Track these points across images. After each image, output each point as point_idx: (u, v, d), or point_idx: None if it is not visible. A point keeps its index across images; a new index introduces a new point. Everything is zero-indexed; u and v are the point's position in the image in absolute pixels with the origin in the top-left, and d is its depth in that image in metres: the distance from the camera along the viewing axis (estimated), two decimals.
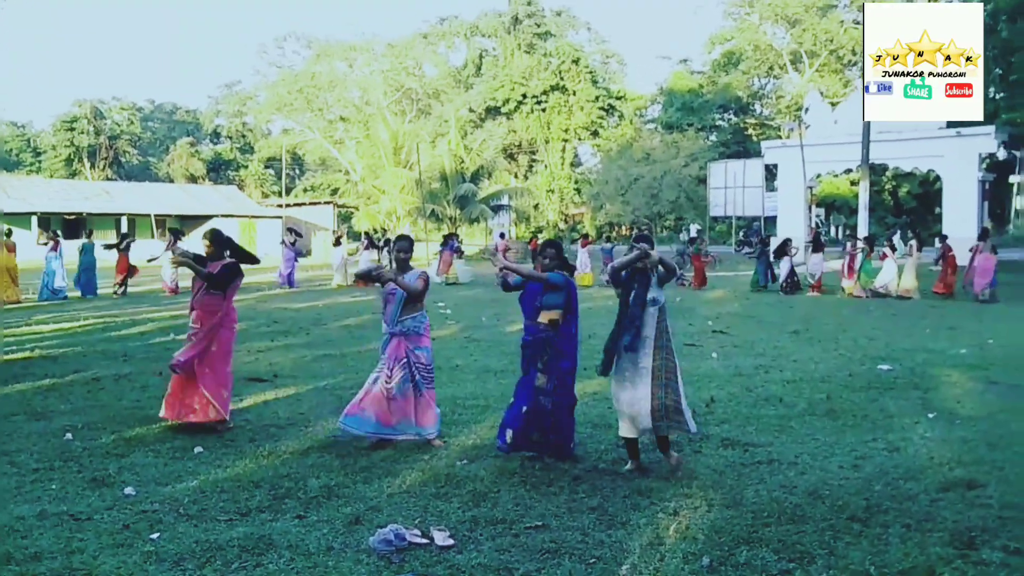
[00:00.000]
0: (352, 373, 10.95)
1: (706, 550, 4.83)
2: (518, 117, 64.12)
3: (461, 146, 49.46)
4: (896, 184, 50.70)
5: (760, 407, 8.86)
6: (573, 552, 4.83)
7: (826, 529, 5.16)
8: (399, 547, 4.91)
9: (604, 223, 56.50)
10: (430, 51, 71.59)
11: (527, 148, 67.13)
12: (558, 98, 63.37)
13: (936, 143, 34.21)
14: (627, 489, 6.00)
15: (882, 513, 5.44)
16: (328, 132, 66.73)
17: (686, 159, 42.64)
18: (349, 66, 69.34)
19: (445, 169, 45.44)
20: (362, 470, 6.52)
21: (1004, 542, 4.89)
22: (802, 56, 61.21)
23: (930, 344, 13.35)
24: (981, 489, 5.93)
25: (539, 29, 68.63)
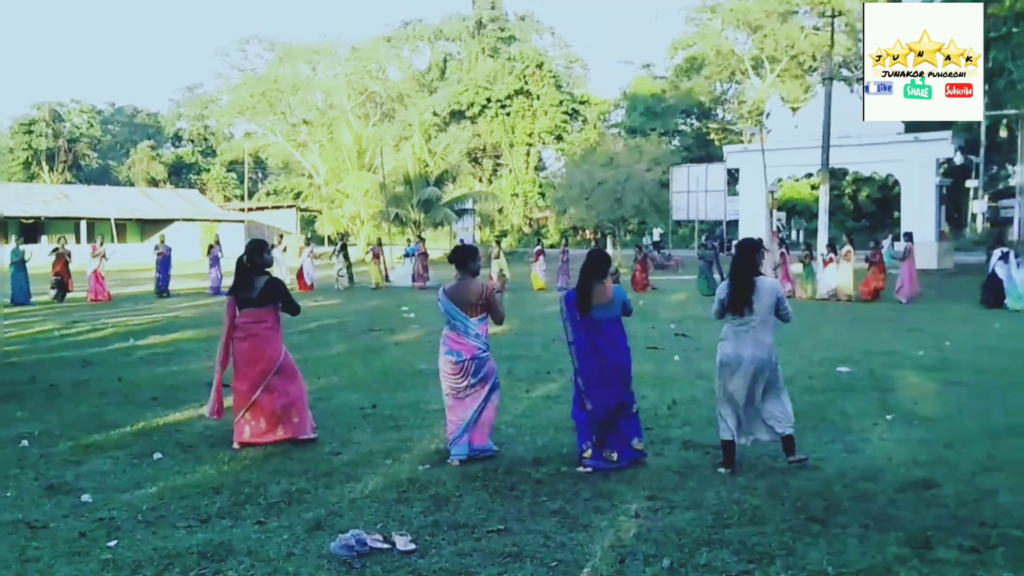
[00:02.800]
0: (313, 378, 10.87)
1: (667, 552, 4.85)
2: (482, 121, 64.16)
3: (425, 150, 49.37)
4: (856, 188, 51.38)
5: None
6: (535, 556, 4.84)
7: (785, 530, 5.20)
8: (360, 552, 4.89)
9: (568, 227, 56.59)
10: (394, 54, 71.46)
11: (491, 152, 67.17)
12: (522, 102, 63.49)
13: (895, 148, 34.71)
14: (589, 492, 6.02)
15: (841, 513, 5.50)
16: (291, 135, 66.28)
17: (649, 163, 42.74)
18: (312, 69, 69.00)
19: (409, 173, 45.33)
20: (323, 475, 6.49)
21: (959, 541, 4.96)
22: (763, 62, 61.73)
23: (889, 346, 13.51)
24: (937, 489, 6.01)
25: (503, 33, 68.78)
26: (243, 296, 7.43)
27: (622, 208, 41.73)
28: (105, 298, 23.28)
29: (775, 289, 6.66)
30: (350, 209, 47.55)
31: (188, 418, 8.56)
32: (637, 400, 6.98)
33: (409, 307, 20.91)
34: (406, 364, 12.08)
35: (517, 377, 11.03)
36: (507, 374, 11.23)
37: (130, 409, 8.98)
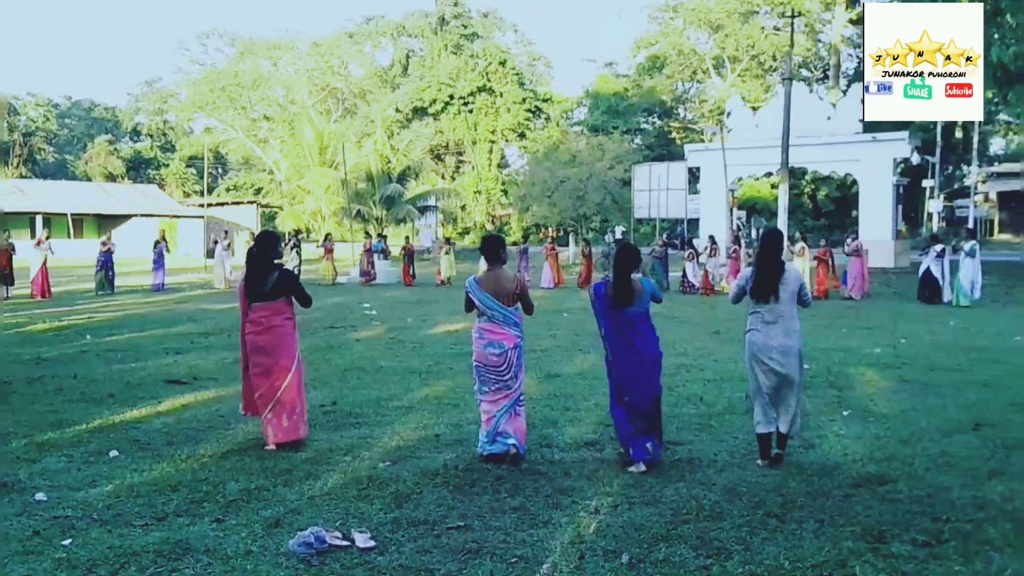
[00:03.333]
0: None
1: (625, 548, 4.88)
2: (445, 118, 64.04)
3: (387, 146, 49.17)
4: (815, 187, 51.88)
5: (681, 406, 8.98)
6: (495, 552, 4.85)
7: (743, 525, 5.25)
8: (319, 550, 4.86)
9: (531, 224, 56.67)
10: (356, 50, 71.13)
11: (454, 149, 67.10)
12: (485, 99, 63.45)
13: (853, 148, 35.07)
14: (549, 489, 6.04)
15: (797, 509, 5.57)
16: (252, 131, 65.79)
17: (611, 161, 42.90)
18: (273, 64, 68.51)
19: (371, 169, 45.11)
20: (283, 473, 6.45)
21: (913, 535, 5.04)
22: (724, 61, 62.23)
23: (846, 343, 13.67)
24: (892, 484, 6.09)
25: (466, 30, 68.69)
26: (255, 290, 7.28)
27: (584, 206, 41.85)
28: (47, 295, 22.74)
29: (799, 276, 6.79)
30: (311, 205, 47.23)
31: (145, 415, 8.46)
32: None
33: (370, 304, 20.83)
34: (367, 361, 12.05)
35: None
36: (469, 370, 11.22)
37: (86, 406, 8.86)
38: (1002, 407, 8.69)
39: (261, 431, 7.38)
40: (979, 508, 5.53)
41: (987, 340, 14.25)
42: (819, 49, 61.99)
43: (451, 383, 10.35)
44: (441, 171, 65.39)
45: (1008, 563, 4.56)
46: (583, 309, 20.21)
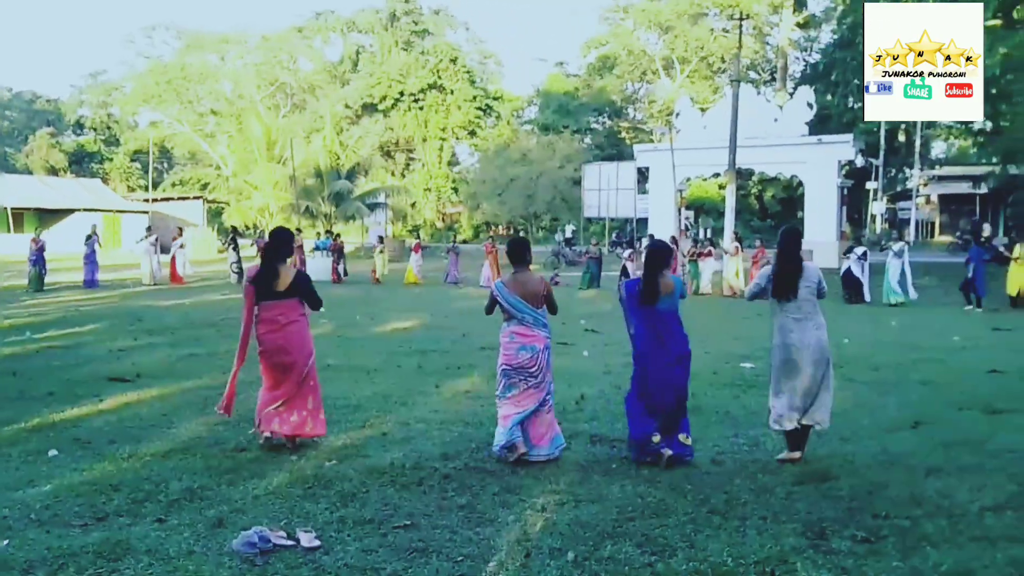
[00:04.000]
0: (219, 373, 10.67)
1: (571, 545, 4.90)
2: (395, 115, 63.72)
3: (337, 142, 48.83)
4: (762, 188, 52.54)
5: None
6: (441, 551, 4.84)
7: (687, 522, 5.30)
8: (263, 549, 4.81)
9: (481, 222, 56.69)
10: (305, 45, 70.42)
11: (404, 146, 66.78)
12: (436, 97, 63.25)
13: (799, 150, 35.56)
14: (497, 487, 6.04)
15: (741, 506, 5.63)
16: (198, 125, 64.87)
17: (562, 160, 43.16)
18: (221, 58, 67.58)
19: (320, 165, 44.77)
20: (227, 472, 6.37)
21: (852, 531, 5.12)
22: (674, 62, 62.73)
23: None
24: (834, 481, 6.19)
25: (417, 27, 68.36)
26: (268, 288, 7.15)
27: (535, 204, 42.03)
28: None
29: (817, 272, 6.84)
30: (259, 201, 46.70)
31: (87, 414, 8.31)
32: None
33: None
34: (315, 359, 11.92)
35: (427, 371, 11.02)
36: (417, 369, 11.22)
37: (25, 404, 8.68)
38: (941, 405, 8.87)
39: (204, 430, 7.29)
40: (917, 504, 5.64)
41: (927, 340, 14.54)
42: (767, 52, 62.76)
43: (399, 381, 10.30)
44: (391, 168, 65.02)
45: (944, 558, 4.65)
46: None
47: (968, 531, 5.10)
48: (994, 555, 4.68)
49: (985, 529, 5.13)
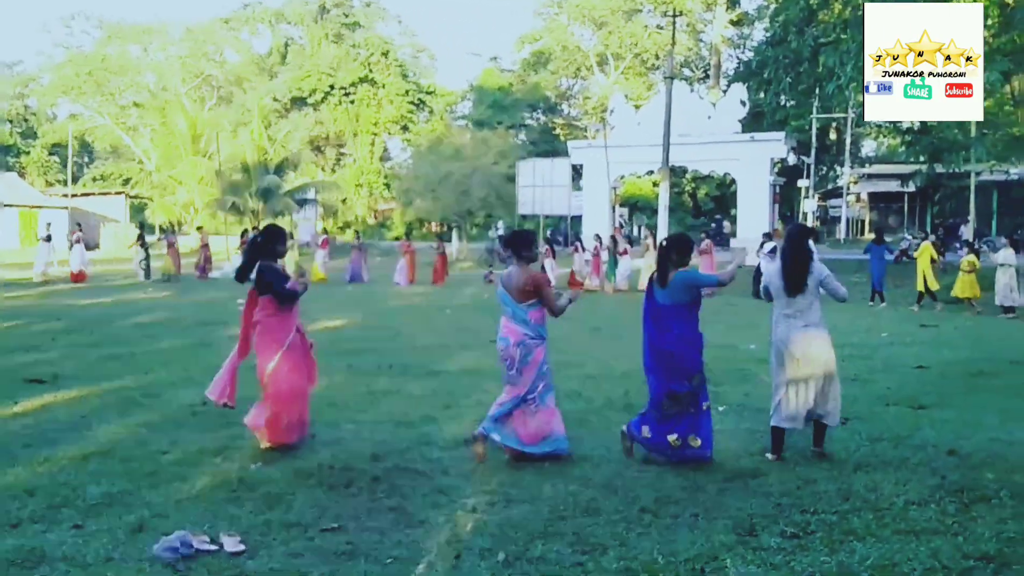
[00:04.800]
0: (140, 374, 10.41)
1: (502, 546, 4.84)
2: (325, 108, 62.99)
3: (265, 136, 48.01)
4: (695, 186, 53.14)
5: (560, 403, 8.96)
6: (369, 553, 4.74)
7: (619, 521, 5.27)
8: (185, 555, 4.67)
9: (414, 219, 56.36)
10: (232, 37, 69.26)
11: (335, 141, 66.09)
12: (367, 91, 62.69)
13: (732, 147, 35.99)
14: (427, 488, 5.96)
15: (672, 503, 5.62)
16: (120, 118, 63.36)
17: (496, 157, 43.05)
18: (144, 49, 66.13)
19: (247, 160, 44.00)
20: (148, 475, 6.18)
21: (782, 527, 5.15)
22: (608, 59, 63.11)
23: (723, 340, 13.94)
24: (763, 478, 6.22)
25: (347, 20, 67.68)
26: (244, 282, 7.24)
27: (469, 201, 41.87)
28: None
29: (822, 268, 6.84)
30: (183, 197, 45.79)
31: (0, 416, 8.00)
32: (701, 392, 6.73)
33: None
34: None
35: (358, 372, 10.87)
36: (347, 368, 11.06)
37: None
38: (869, 401, 9.00)
39: (125, 432, 7.10)
40: (844, 499, 5.69)
41: (856, 336, 14.78)
42: (701, 49, 63.49)
43: (328, 381, 10.06)
44: (321, 163, 64.30)
45: (870, 552, 4.70)
46: (465, 306, 20.20)
47: (893, 524, 5.16)
48: (917, 548, 4.75)
49: (909, 522, 5.19)
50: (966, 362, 11.90)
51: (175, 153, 49.56)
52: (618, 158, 36.02)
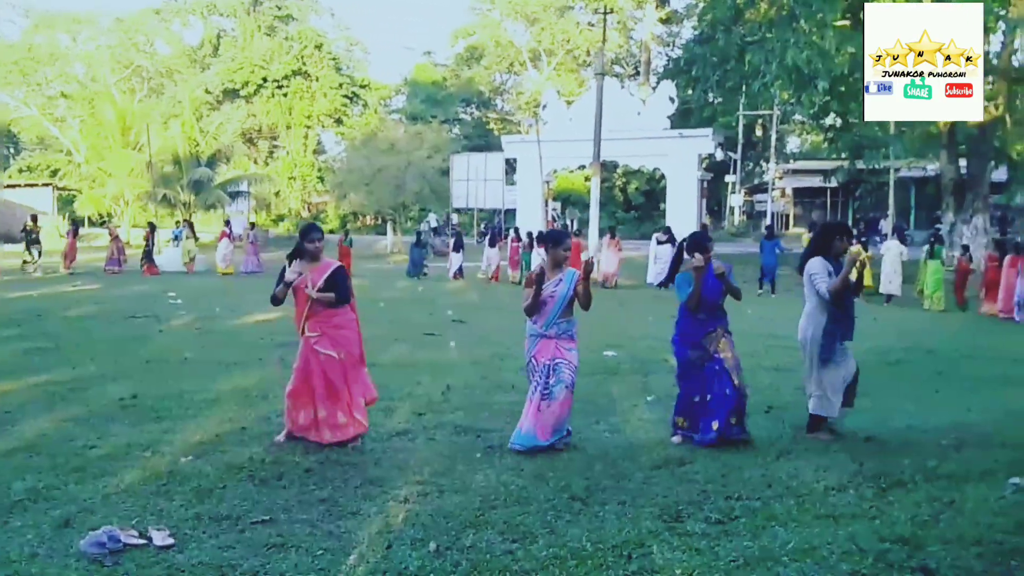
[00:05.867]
0: (68, 368, 10.23)
1: (433, 535, 4.89)
2: (258, 101, 62.12)
3: (196, 129, 47.32)
4: (626, 180, 53.62)
5: (494, 394, 9.10)
6: (300, 545, 4.75)
7: (549, 509, 5.36)
8: (113, 549, 4.63)
9: (348, 212, 55.91)
10: (163, 27, 67.84)
11: (268, 133, 65.24)
12: (300, 83, 61.99)
13: (661, 143, 36.41)
14: (359, 479, 5.98)
15: (600, 491, 5.73)
16: (47, 109, 61.60)
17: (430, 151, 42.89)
18: (72, 39, 64.42)
19: (179, 152, 43.31)
20: (75, 470, 6.09)
21: (707, 514, 5.28)
22: (541, 54, 63.33)
23: (653, 332, 14.18)
24: (690, 465, 6.37)
25: (280, 12, 66.81)
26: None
27: (403, 195, 41.70)
28: None
29: (811, 266, 7.17)
30: (113, 189, 44.78)
31: None
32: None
33: (176, 293, 20.01)
34: (171, 353, 11.56)
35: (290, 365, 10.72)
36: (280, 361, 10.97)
37: None
38: (791, 390, 9.24)
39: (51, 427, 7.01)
40: (767, 486, 5.86)
41: (779, 328, 15.05)
42: (631, 46, 64.03)
43: (260, 375, 10.06)
44: (254, 156, 63.46)
45: (791, 536, 4.84)
46: (400, 299, 20.16)
47: (814, 510, 5.32)
48: (836, 532, 4.90)
49: (829, 507, 5.36)
50: (884, 352, 12.27)
51: (104, 145, 48.37)
52: (551, 153, 36.19)
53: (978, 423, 7.71)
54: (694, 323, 7.06)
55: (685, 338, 7.11)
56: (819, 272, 7.06)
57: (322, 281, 6.87)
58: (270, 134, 65.28)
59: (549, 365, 6.79)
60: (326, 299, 6.85)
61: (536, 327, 6.92)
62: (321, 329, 6.89)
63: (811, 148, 60.02)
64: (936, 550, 4.62)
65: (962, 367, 11.50)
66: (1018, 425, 7.63)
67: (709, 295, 6.99)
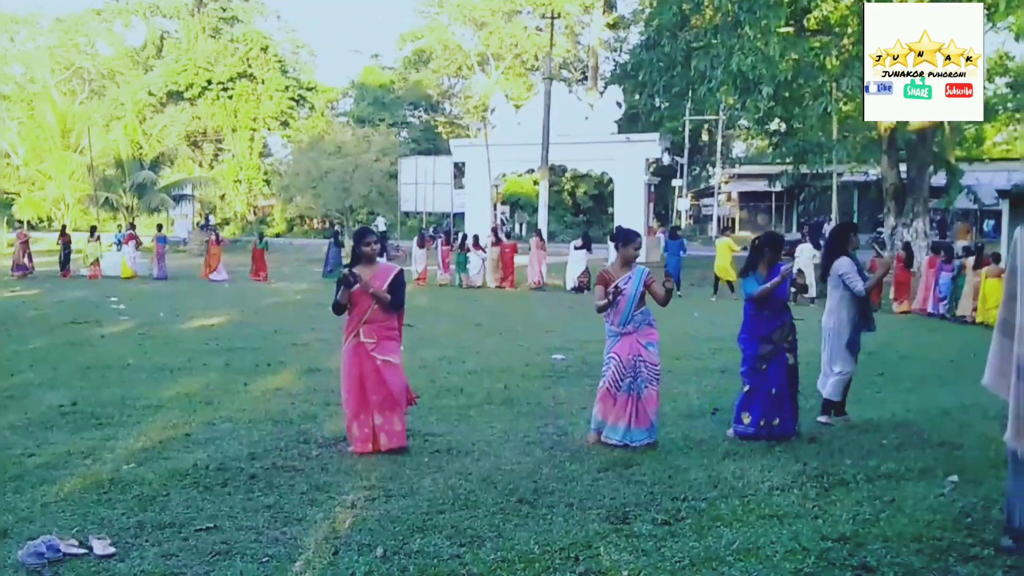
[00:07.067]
0: (6, 375, 10.02)
1: (381, 540, 4.86)
2: (203, 103, 61.29)
3: (139, 131, 46.50)
4: (575, 184, 53.84)
5: (442, 398, 9.08)
6: (245, 552, 4.69)
7: (496, 512, 5.36)
8: (52, 559, 4.54)
9: (295, 215, 55.41)
10: (104, 28, 66.73)
11: (213, 136, 64.41)
12: (245, 86, 61.28)
13: (608, 147, 36.56)
14: (305, 485, 5.93)
15: (548, 494, 5.74)
16: None
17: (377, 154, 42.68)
18: (10, 39, 63.20)
19: (121, 155, 42.58)
20: (12, 479, 5.96)
21: (653, 515, 5.32)
22: (489, 58, 63.34)
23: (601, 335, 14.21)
24: (636, 468, 6.41)
25: (225, 14, 66.01)
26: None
27: (350, 198, 41.46)
28: None
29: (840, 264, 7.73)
30: (53, 192, 43.92)
31: None
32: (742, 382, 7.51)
33: (118, 298, 19.67)
34: (112, 359, 11.36)
35: (235, 370, 10.69)
36: (224, 367, 10.87)
37: None
38: (736, 392, 9.32)
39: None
40: (713, 486, 5.92)
41: (724, 331, 15.21)
42: (579, 51, 64.30)
43: (204, 380, 9.93)
44: (199, 159, 62.58)
45: (736, 536, 4.89)
46: None
47: (758, 510, 5.38)
48: (780, 531, 4.96)
49: (773, 507, 5.43)
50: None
51: (44, 147, 47.42)
52: (499, 156, 36.20)
53: (916, 423, 7.87)
54: (761, 319, 7.35)
55: (755, 334, 7.36)
56: (850, 271, 7.63)
57: (387, 284, 6.83)
58: (215, 137, 64.44)
59: (633, 361, 6.97)
60: (384, 299, 6.78)
61: (613, 327, 7.12)
62: (378, 336, 6.81)
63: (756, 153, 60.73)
64: (877, 548, 4.70)
65: (901, 368, 11.71)
66: (953, 425, 7.79)
67: (778, 293, 7.36)
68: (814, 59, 24.58)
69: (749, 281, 7.39)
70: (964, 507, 5.33)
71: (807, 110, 26.60)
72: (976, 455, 6.58)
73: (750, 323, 7.42)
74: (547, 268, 26.11)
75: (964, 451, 6.77)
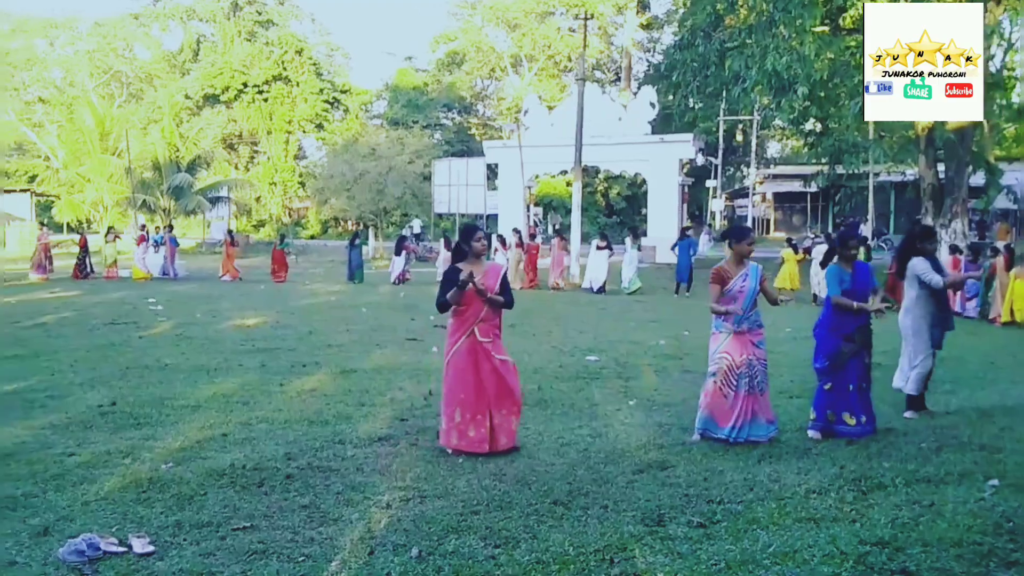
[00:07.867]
0: (47, 375, 10.15)
1: (416, 541, 4.88)
2: (238, 106, 61.86)
3: (176, 134, 47.02)
4: (608, 185, 53.71)
5: None
6: (281, 552, 4.73)
7: (531, 514, 5.36)
8: (92, 557, 4.61)
9: (329, 218, 55.73)
10: (142, 32, 67.51)
11: (248, 139, 64.95)
12: (281, 89, 61.76)
13: (642, 148, 36.49)
14: (341, 485, 5.96)
15: (583, 496, 5.73)
16: (25, 114, 61.22)
17: (411, 156, 42.91)
18: (50, 44, 64.06)
19: (158, 158, 43.11)
20: (54, 478, 6.05)
21: (688, 517, 5.29)
22: (522, 60, 63.34)
23: (633, 336, 14.21)
24: (672, 470, 6.38)
25: (261, 17, 66.57)
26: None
27: (384, 200, 41.65)
28: None
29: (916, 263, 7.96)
30: (92, 195, 44.53)
31: None
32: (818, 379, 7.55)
33: (156, 299, 19.89)
34: (151, 359, 11.49)
35: (271, 370, 10.75)
36: (261, 367, 10.95)
37: None
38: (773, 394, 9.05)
39: (28, 435, 6.96)
40: (749, 489, 5.88)
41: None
42: (612, 52, 64.13)
43: (241, 380, 10.01)
44: (234, 161, 63.16)
45: (773, 540, 4.86)
46: (381, 304, 20.11)
47: (795, 513, 5.34)
48: (817, 535, 4.92)
49: (810, 510, 5.38)
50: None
51: (83, 150, 48.08)
52: (532, 158, 36.22)
53: (955, 425, 7.76)
54: (844, 316, 7.28)
55: (836, 331, 7.32)
56: (926, 270, 7.84)
57: (498, 285, 6.84)
58: (251, 139, 64.99)
59: (747, 361, 7.03)
60: (499, 303, 6.81)
61: (727, 324, 7.08)
62: (492, 334, 6.85)
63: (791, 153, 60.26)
64: (916, 552, 4.64)
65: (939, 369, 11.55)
66: (993, 427, 7.68)
67: (860, 288, 7.31)
68: (849, 58, 24.33)
69: (831, 279, 7.36)
70: (1005, 512, 5.25)
71: (843, 110, 26.30)
72: (1017, 459, 6.48)
73: (834, 319, 7.35)
74: (568, 270, 26.16)
75: (1005, 455, 6.65)
